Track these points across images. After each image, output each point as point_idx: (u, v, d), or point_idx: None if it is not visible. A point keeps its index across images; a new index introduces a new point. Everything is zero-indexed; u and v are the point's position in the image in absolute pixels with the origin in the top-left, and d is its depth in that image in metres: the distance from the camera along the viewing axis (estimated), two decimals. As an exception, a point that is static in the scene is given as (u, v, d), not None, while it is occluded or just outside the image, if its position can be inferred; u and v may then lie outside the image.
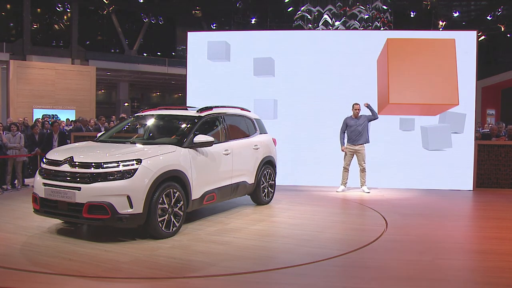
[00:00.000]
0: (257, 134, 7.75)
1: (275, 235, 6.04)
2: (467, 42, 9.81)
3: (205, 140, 6.10)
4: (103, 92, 35.79)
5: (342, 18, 19.76)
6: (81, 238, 5.61)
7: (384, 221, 6.61)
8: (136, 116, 7.27)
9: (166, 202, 5.50)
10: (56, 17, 27.08)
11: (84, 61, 25.23)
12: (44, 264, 4.58)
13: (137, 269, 4.48)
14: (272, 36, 10.68)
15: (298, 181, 9.86)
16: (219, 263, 4.66)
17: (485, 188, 9.69)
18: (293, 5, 22.36)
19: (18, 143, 9.59)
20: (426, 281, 4.28)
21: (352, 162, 9.14)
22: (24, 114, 20.03)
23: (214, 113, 6.89)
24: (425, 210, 7.65)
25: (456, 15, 25.37)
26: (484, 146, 9.80)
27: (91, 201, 5.12)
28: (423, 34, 10.48)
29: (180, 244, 5.33)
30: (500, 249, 5.36)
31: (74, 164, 5.35)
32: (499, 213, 7.51)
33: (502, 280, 4.35)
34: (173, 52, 31.55)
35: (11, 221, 6.39)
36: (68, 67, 23.98)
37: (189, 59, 10.58)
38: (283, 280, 4.36)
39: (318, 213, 7.21)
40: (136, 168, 5.26)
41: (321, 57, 10.12)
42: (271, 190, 7.94)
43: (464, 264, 4.90)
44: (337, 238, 5.83)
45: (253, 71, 10.23)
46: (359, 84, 9.94)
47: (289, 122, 10.06)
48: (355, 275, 4.47)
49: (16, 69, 21.73)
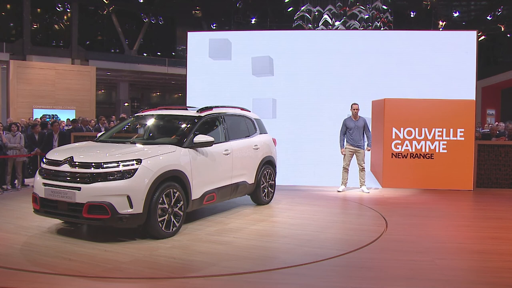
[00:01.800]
0: (257, 134, 7.75)
1: (275, 235, 6.04)
2: (467, 42, 9.82)
3: (205, 140, 6.10)
4: (103, 92, 35.77)
5: (342, 18, 19.75)
6: (81, 238, 5.60)
7: (384, 221, 6.61)
8: (136, 116, 7.27)
9: (166, 202, 5.50)
10: (56, 17, 27.07)
11: (84, 61, 25.22)
12: (44, 264, 4.58)
13: (137, 269, 4.48)
14: (272, 36, 10.70)
15: (298, 181, 9.86)
16: (219, 263, 4.66)
17: (485, 188, 9.69)
18: (293, 5, 22.36)
19: (18, 143, 9.59)
20: (426, 281, 4.28)
21: (352, 163, 9.14)
22: (24, 114, 20.02)
23: (214, 113, 6.89)
24: (425, 210, 7.65)
25: (456, 15, 25.38)
26: (484, 146, 9.80)
27: (91, 201, 5.12)
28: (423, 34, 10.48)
29: (180, 244, 5.33)
30: (500, 249, 5.36)
31: (74, 164, 5.35)
32: (499, 213, 7.51)
33: (502, 280, 4.35)
34: (173, 52, 31.54)
35: (11, 221, 6.39)
36: (68, 67, 23.98)
37: (189, 58, 10.59)
38: (283, 280, 4.35)
39: (318, 213, 7.21)
40: (136, 168, 5.26)
41: (321, 57, 10.13)
42: (271, 190, 7.94)
43: (464, 264, 4.90)
44: (337, 238, 5.83)
45: (251, 70, 10.24)
46: (359, 84, 9.95)
47: (288, 122, 10.08)
48: (355, 275, 4.47)
49: (16, 69, 21.72)
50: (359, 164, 9.05)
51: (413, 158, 9.56)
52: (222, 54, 10.33)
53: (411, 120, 9.52)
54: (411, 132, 9.55)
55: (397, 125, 9.53)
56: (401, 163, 9.55)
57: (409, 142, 9.56)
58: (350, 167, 9.15)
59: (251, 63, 10.24)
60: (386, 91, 9.77)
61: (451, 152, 9.46)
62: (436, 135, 9.49)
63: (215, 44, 10.37)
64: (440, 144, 9.49)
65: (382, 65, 9.99)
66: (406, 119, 9.53)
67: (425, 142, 9.52)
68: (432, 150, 9.53)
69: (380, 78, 9.99)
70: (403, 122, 9.52)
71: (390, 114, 9.55)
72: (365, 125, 9.01)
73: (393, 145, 9.55)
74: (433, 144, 9.50)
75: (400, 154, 9.60)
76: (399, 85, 9.84)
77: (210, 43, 10.39)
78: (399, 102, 9.55)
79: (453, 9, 25.12)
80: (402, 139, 9.57)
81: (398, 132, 9.55)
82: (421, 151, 9.56)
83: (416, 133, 9.55)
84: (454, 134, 9.47)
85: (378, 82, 9.97)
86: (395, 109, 9.55)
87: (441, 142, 9.49)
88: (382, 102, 9.59)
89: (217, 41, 10.39)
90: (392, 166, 9.56)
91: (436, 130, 9.47)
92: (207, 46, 10.43)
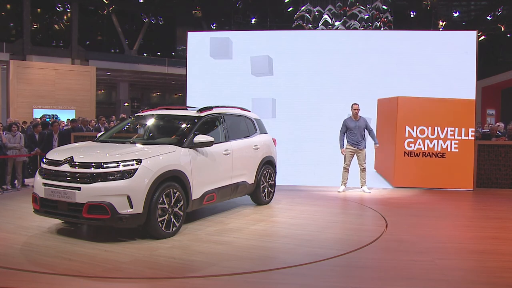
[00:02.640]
0: (257, 134, 7.75)
1: (275, 235, 6.04)
2: (467, 42, 9.81)
3: (205, 140, 6.10)
4: (103, 92, 35.77)
5: (342, 18, 19.74)
6: (81, 238, 5.61)
7: (384, 221, 6.61)
8: (136, 116, 7.27)
9: (166, 202, 5.50)
10: (56, 17, 27.07)
11: (84, 61, 25.22)
12: (44, 264, 4.58)
13: (137, 269, 4.48)
14: (272, 36, 10.68)
15: (298, 181, 9.85)
16: (219, 263, 4.65)
17: (485, 188, 9.69)
18: (293, 5, 22.36)
19: (18, 143, 9.59)
20: (426, 281, 4.28)
21: (352, 163, 9.13)
22: (24, 114, 20.04)
23: (214, 113, 6.89)
24: (425, 210, 7.65)
25: (456, 15, 25.36)
26: (484, 146, 9.81)
27: (91, 201, 5.12)
28: (423, 34, 10.48)
29: (180, 244, 5.33)
30: (500, 249, 5.36)
31: (74, 164, 5.35)
32: (499, 213, 7.52)
33: (502, 280, 4.35)
34: (173, 52, 31.54)
35: (11, 221, 6.39)
36: (68, 67, 23.98)
37: (190, 58, 10.58)
38: (283, 280, 4.35)
39: (318, 213, 7.21)
40: (136, 168, 5.26)
41: (321, 57, 10.12)
42: (271, 190, 7.94)
43: (464, 264, 4.90)
44: (337, 238, 5.83)
45: (250, 69, 10.24)
46: (359, 84, 9.94)
47: (288, 122, 10.07)
48: (355, 275, 4.47)
49: (16, 69, 21.73)
50: (360, 164, 9.05)
51: (425, 157, 9.60)
52: (223, 53, 10.32)
53: (424, 119, 9.57)
54: (424, 130, 9.59)
55: (411, 123, 9.57)
56: (413, 162, 9.58)
57: (422, 141, 9.59)
58: (350, 167, 9.15)
59: (250, 62, 10.23)
60: (386, 91, 9.76)
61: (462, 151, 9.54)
62: (448, 134, 9.56)
63: (216, 43, 10.37)
64: (452, 143, 9.55)
65: (382, 65, 9.98)
66: (419, 117, 9.59)
67: (437, 141, 9.57)
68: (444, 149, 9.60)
69: (380, 78, 9.98)
70: (416, 121, 9.57)
71: (403, 112, 9.58)
72: (366, 125, 9.01)
73: (406, 144, 9.59)
74: (445, 143, 9.57)
75: (413, 152, 9.62)
76: (399, 85, 9.82)
77: (211, 42, 10.38)
78: (412, 100, 9.60)
79: (453, 9, 25.10)
80: (415, 137, 9.61)
81: (411, 130, 9.59)
82: (433, 150, 9.60)
83: (429, 131, 9.59)
84: (466, 134, 9.55)
85: (378, 82, 9.96)
86: (408, 107, 9.59)
87: (453, 142, 9.55)
88: (394, 100, 9.62)
89: (218, 40, 10.38)
90: (404, 165, 9.59)
91: (449, 130, 9.56)
92: (208, 45, 10.42)
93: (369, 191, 9.04)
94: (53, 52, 24.58)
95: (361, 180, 9.15)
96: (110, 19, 28.34)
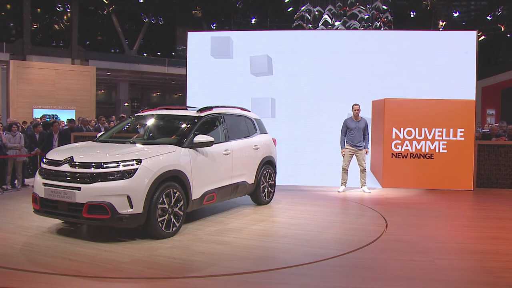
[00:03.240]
0: (257, 134, 7.75)
1: (275, 235, 6.04)
2: (467, 42, 9.81)
3: (205, 140, 6.10)
4: (103, 92, 35.77)
5: (342, 18, 19.74)
6: (81, 238, 5.61)
7: (384, 221, 6.61)
8: (136, 116, 7.27)
9: (166, 202, 5.50)
10: (56, 17, 27.07)
11: (84, 61, 25.22)
12: (44, 264, 4.58)
13: (137, 269, 4.48)
14: (272, 35, 10.69)
15: (298, 181, 9.85)
16: (219, 263, 4.65)
17: (485, 188, 9.69)
18: (293, 5, 22.36)
19: (18, 143, 9.59)
20: (425, 281, 4.28)
21: (352, 163, 9.13)
22: (24, 114, 20.03)
23: (214, 113, 6.89)
24: (425, 210, 7.65)
25: (456, 15, 25.36)
26: (484, 146, 9.81)
27: (91, 201, 5.12)
28: (423, 34, 10.48)
29: (180, 244, 5.33)
30: (500, 249, 5.36)
31: (74, 164, 5.35)
32: (499, 213, 7.52)
33: (502, 280, 4.35)
34: (173, 52, 31.54)
35: (11, 221, 6.39)
36: (68, 67, 23.97)
37: (190, 58, 10.59)
38: (283, 280, 4.35)
39: (318, 213, 7.21)
40: (136, 168, 5.26)
41: (321, 57, 10.12)
42: (271, 190, 7.94)
43: (464, 264, 4.90)
44: (337, 238, 5.83)
45: (249, 69, 10.24)
46: (359, 84, 9.94)
47: (288, 121, 10.07)
48: (355, 275, 4.47)
49: (16, 69, 21.73)
50: (360, 164, 9.04)
51: (413, 158, 9.55)
52: (224, 52, 10.33)
53: (411, 120, 9.51)
54: (411, 132, 9.54)
55: (397, 125, 9.53)
56: (401, 163, 9.54)
57: (409, 142, 9.55)
58: (350, 168, 9.15)
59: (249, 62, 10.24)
60: (386, 91, 9.76)
61: (451, 152, 9.46)
62: (436, 135, 9.49)
63: (217, 42, 10.37)
64: (440, 144, 9.49)
65: (382, 65, 9.98)
66: (406, 119, 9.52)
67: (425, 142, 9.51)
68: (432, 150, 9.51)
69: (380, 78, 9.99)
70: (403, 122, 9.51)
71: (390, 114, 9.53)
72: (365, 126, 9.01)
73: (393, 145, 9.55)
74: (433, 144, 9.50)
75: (400, 154, 9.59)
76: (399, 85, 9.83)
77: (212, 41, 10.38)
78: (399, 102, 9.54)
79: (453, 9, 25.11)
80: (402, 139, 9.56)
81: (398, 132, 9.55)
82: (421, 151, 9.55)
83: (416, 133, 9.54)
84: (454, 134, 9.47)
85: (378, 82, 9.96)
86: (395, 109, 9.53)
87: (441, 142, 9.49)
88: (382, 102, 9.59)
89: (219, 39, 10.38)
90: (392, 166, 9.55)
91: (436, 130, 9.48)
92: (209, 45, 10.42)
93: (369, 191, 9.04)
94: (53, 52, 24.58)
95: (361, 181, 9.14)
96: (110, 19, 28.34)
